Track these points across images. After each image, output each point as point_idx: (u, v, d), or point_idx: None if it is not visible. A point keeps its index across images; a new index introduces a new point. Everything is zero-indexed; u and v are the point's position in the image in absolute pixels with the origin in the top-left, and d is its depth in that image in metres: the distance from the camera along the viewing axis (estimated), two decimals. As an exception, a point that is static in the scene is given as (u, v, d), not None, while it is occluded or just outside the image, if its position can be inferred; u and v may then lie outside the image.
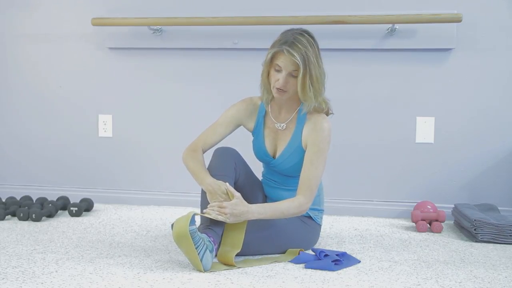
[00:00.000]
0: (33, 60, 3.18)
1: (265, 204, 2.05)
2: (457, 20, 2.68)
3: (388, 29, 2.80)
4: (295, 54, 1.98)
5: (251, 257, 2.06)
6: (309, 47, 2.01)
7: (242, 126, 2.26)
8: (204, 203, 2.03)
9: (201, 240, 1.84)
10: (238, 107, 2.24)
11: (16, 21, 3.18)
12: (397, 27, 2.78)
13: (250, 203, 2.01)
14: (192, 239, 1.81)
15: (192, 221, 1.83)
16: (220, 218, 1.92)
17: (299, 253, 2.06)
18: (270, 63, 2.06)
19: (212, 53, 3.00)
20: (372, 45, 2.84)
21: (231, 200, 1.97)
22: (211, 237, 1.91)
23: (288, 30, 2.07)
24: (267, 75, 2.10)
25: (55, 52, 3.15)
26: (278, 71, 2.04)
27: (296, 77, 2.03)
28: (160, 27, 2.97)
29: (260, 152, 2.22)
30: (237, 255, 2.03)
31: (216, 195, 1.98)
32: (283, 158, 2.15)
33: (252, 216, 1.97)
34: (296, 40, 2.00)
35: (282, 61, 2.01)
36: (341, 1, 2.86)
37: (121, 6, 3.04)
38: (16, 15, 3.18)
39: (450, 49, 2.80)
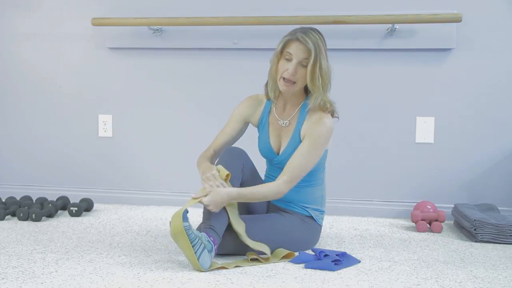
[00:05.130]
0: (33, 60, 3.18)
1: (244, 188, 2.05)
2: (456, 20, 2.68)
3: (388, 29, 2.80)
4: (308, 41, 2.03)
5: (251, 257, 2.06)
6: (319, 40, 2.07)
7: (251, 124, 2.30)
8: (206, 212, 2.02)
9: (197, 238, 1.85)
10: (243, 104, 2.28)
11: (16, 21, 3.18)
12: (397, 27, 2.79)
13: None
14: (188, 235, 1.82)
15: (185, 217, 1.85)
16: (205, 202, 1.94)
17: (292, 256, 2.05)
18: (281, 53, 2.08)
19: (212, 53, 3.00)
20: (372, 45, 2.84)
21: (225, 180, 2.01)
22: (211, 237, 1.91)
23: (298, 27, 2.12)
24: (275, 68, 2.11)
25: (55, 52, 3.15)
26: (288, 60, 2.06)
27: (305, 66, 2.06)
28: (160, 27, 2.97)
29: (264, 149, 2.23)
30: (237, 255, 2.05)
31: (207, 179, 2.00)
32: (285, 154, 2.15)
33: (232, 200, 1.99)
34: (308, 31, 2.07)
35: (293, 48, 2.05)
36: (341, 1, 2.86)
37: (121, 6, 3.04)
38: (16, 15, 3.18)
39: (449, 49, 2.80)
